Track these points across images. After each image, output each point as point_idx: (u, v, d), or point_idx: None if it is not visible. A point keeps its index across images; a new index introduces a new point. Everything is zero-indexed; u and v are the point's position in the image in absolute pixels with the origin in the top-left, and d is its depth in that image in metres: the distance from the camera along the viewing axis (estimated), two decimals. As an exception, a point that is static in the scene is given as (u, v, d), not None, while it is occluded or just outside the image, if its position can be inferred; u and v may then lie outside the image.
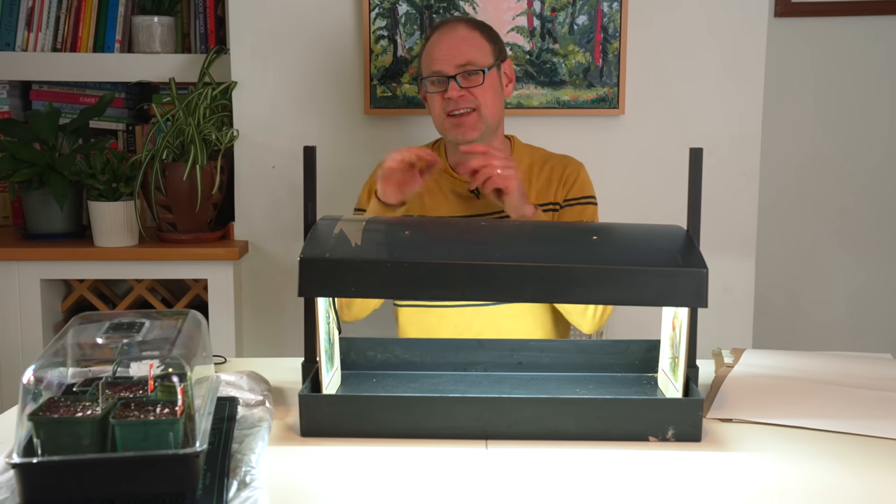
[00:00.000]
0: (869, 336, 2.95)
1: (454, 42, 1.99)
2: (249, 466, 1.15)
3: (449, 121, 1.99)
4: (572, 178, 2.07)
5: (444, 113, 1.99)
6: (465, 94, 1.97)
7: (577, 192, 2.06)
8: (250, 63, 2.50)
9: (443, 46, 2.00)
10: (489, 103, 1.99)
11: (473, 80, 1.97)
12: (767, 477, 1.23)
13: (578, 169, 2.09)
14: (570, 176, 2.07)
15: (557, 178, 2.07)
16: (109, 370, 1.20)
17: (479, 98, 1.97)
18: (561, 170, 2.08)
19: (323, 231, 1.43)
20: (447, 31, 2.02)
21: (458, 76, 1.96)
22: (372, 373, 1.62)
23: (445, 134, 2.04)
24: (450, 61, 1.97)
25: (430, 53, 2.02)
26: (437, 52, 2.00)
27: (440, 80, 1.99)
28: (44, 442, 1.03)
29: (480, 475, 1.23)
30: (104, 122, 2.71)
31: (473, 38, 2.01)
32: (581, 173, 2.08)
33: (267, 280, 2.57)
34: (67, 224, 2.57)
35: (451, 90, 1.97)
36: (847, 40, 2.82)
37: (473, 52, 1.99)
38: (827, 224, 2.92)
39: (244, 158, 2.53)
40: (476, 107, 1.98)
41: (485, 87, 1.98)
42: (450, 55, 1.98)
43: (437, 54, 2.00)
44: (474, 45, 2.00)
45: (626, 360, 1.64)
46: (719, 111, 2.48)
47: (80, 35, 2.68)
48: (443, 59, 1.98)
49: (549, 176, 2.07)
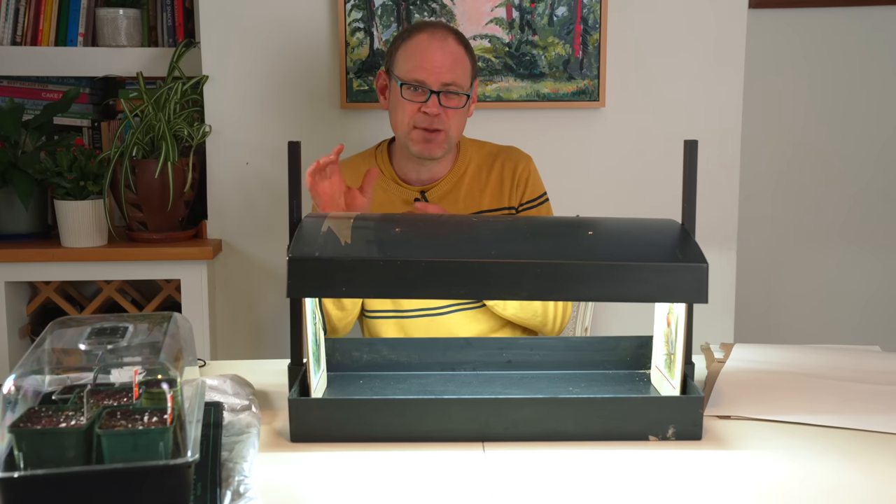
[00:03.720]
0: (848, 328, 2.96)
1: (444, 56, 1.93)
2: (243, 475, 1.10)
3: (417, 133, 1.94)
4: (524, 179, 2.04)
5: (413, 125, 1.94)
6: (440, 113, 1.92)
7: (531, 193, 2.04)
8: (222, 56, 2.44)
9: (432, 57, 1.92)
10: (457, 126, 1.97)
11: (454, 102, 1.93)
12: (772, 475, 1.21)
13: (528, 166, 2.06)
14: (521, 177, 2.04)
15: (510, 180, 2.04)
16: (87, 377, 1.14)
17: (451, 120, 1.94)
18: (512, 169, 2.04)
19: (310, 229, 1.38)
20: (438, 40, 1.94)
21: (441, 94, 1.92)
22: (358, 374, 1.57)
23: (409, 145, 1.96)
24: (437, 76, 1.91)
25: (414, 57, 1.93)
26: (425, 61, 1.92)
27: (421, 90, 1.93)
28: (26, 455, 0.97)
29: (479, 478, 1.20)
30: (68, 118, 2.62)
31: (461, 56, 1.95)
32: (531, 170, 2.06)
33: (241, 280, 2.51)
34: (32, 224, 2.49)
35: (430, 105, 1.91)
36: (824, 31, 2.83)
37: (459, 71, 1.94)
38: (807, 216, 2.92)
39: (217, 155, 2.47)
40: (446, 129, 1.94)
41: (460, 111, 1.95)
42: (438, 70, 1.92)
43: (424, 63, 1.92)
44: (461, 66, 1.95)
45: (618, 357, 1.61)
46: (700, 103, 2.46)
47: (41, 28, 2.59)
48: (430, 70, 1.92)
49: (500, 175, 2.04)
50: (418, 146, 1.95)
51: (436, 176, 2.03)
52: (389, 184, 2.03)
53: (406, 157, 2.01)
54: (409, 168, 2.03)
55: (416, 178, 2.03)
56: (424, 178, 2.02)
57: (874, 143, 2.89)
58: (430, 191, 2.02)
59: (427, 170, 2.02)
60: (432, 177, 2.03)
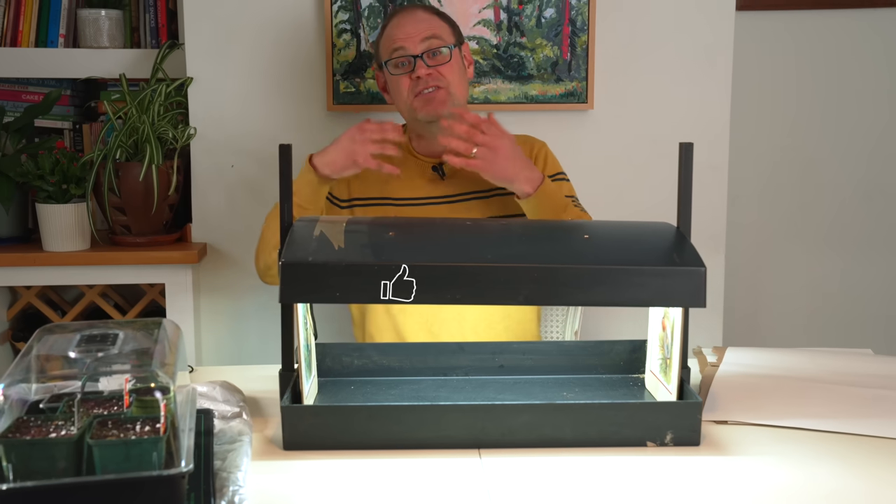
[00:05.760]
0: (834, 330, 2.96)
1: (416, 23, 1.96)
2: (237, 485, 1.07)
3: (418, 100, 1.94)
4: (542, 157, 2.04)
5: (412, 94, 1.94)
6: (432, 72, 1.93)
7: (549, 169, 2.04)
8: (206, 58, 2.41)
9: (404, 26, 1.96)
10: (456, 82, 1.96)
11: (440, 59, 1.94)
12: (771, 481, 1.20)
13: (542, 147, 2.07)
14: (539, 155, 2.05)
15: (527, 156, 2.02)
16: (75, 385, 1.11)
17: (446, 76, 1.94)
18: (528, 149, 2.04)
19: (302, 233, 1.36)
20: (406, 14, 1.99)
21: (425, 55, 1.93)
22: (349, 379, 1.55)
23: (415, 113, 1.97)
24: (414, 38, 1.94)
25: (390, 35, 1.98)
26: (399, 31, 1.96)
27: (405, 60, 1.94)
28: (15, 466, 0.95)
29: (476, 486, 1.18)
30: (49, 120, 2.58)
31: (432, 18, 1.99)
32: (546, 151, 2.07)
33: (227, 284, 2.48)
34: (13, 228, 2.45)
35: (418, 69, 1.93)
36: (811, 34, 2.83)
37: (436, 29, 1.96)
38: (794, 219, 2.92)
39: (201, 157, 2.44)
40: (444, 85, 1.94)
41: (451, 65, 1.95)
42: (413, 32, 1.94)
43: (398, 34, 1.96)
44: (436, 25, 1.97)
45: (611, 362, 1.60)
46: (688, 105, 2.46)
47: (20, 29, 2.55)
48: (405, 37, 1.94)
49: None
50: (423, 110, 1.95)
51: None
52: (407, 156, 2.03)
53: (418, 133, 2.03)
54: (422, 143, 2.04)
55: (429, 152, 2.03)
56: (439, 151, 1.99)
57: (862, 145, 2.90)
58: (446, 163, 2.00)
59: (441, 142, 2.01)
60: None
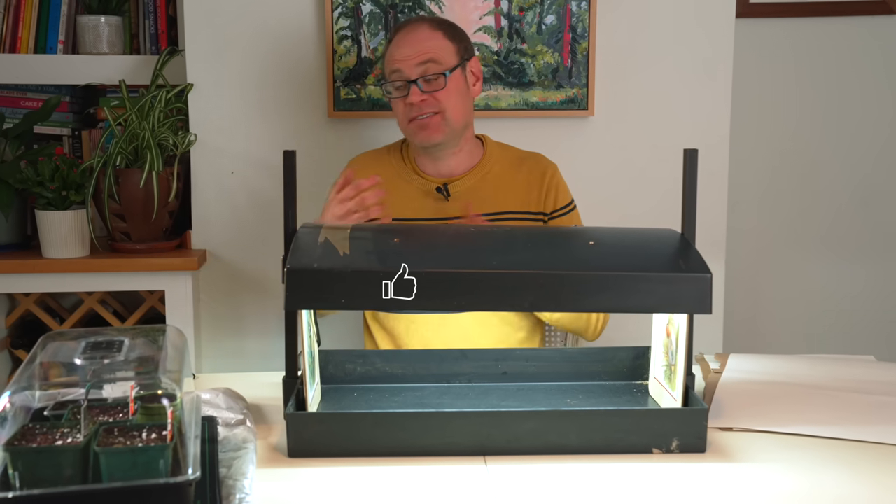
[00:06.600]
0: (833, 336, 2.96)
1: (415, 42, 1.94)
2: (244, 493, 1.07)
3: (412, 125, 1.94)
4: (554, 186, 2.03)
5: (407, 119, 1.94)
6: (427, 98, 1.92)
7: (562, 200, 2.03)
8: (207, 64, 2.40)
9: (403, 47, 1.94)
10: (453, 106, 1.94)
11: (435, 85, 1.92)
12: (778, 488, 1.19)
13: (555, 173, 2.05)
14: (550, 184, 2.03)
15: (538, 185, 2.02)
16: (78, 392, 1.11)
17: (442, 102, 1.93)
18: (540, 175, 2.03)
19: (306, 240, 1.36)
20: (409, 31, 1.97)
21: (420, 80, 1.91)
22: (352, 387, 1.55)
23: (411, 139, 1.99)
24: (410, 62, 1.92)
25: (391, 55, 1.97)
26: (398, 52, 1.95)
27: (401, 84, 1.93)
28: (22, 474, 0.94)
29: (481, 493, 1.18)
30: (48, 126, 2.57)
31: (436, 38, 1.95)
32: (558, 178, 2.05)
33: (227, 290, 2.47)
34: (12, 234, 2.44)
35: (412, 95, 1.92)
36: (810, 41, 2.83)
37: (435, 51, 1.93)
38: (793, 224, 2.93)
39: (202, 164, 2.43)
40: (440, 110, 1.93)
41: (448, 90, 1.93)
42: (410, 56, 1.92)
43: (397, 55, 1.94)
44: (437, 45, 1.94)
45: (614, 368, 1.60)
46: (688, 112, 2.46)
47: (19, 35, 2.54)
48: (402, 59, 1.93)
49: (527, 180, 2.03)
50: (417, 136, 1.95)
51: (455, 171, 2.02)
52: (411, 175, 2.02)
53: (417, 152, 2.03)
54: (425, 162, 2.03)
55: (434, 171, 2.02)
56: (443, 172, 2.01)
57: (861, 151, 2.90)
58: (452, 184, 2.00)
59: (444, 163, 2.01)
60: (451, 171, 2.01)
